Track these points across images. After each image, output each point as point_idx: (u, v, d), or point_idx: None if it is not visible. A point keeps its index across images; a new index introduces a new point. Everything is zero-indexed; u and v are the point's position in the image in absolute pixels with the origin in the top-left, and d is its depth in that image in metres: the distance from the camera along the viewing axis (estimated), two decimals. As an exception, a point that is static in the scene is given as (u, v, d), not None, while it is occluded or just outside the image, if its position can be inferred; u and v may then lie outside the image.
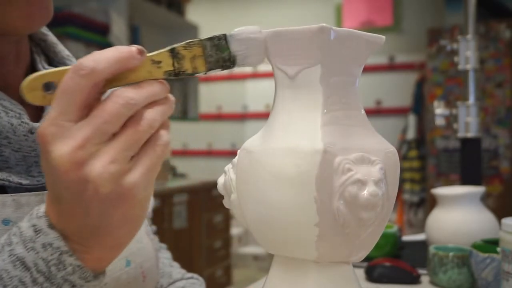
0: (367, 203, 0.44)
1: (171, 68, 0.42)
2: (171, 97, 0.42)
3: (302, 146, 0.45)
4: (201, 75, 0.43)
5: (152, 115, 0.40)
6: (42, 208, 0.43)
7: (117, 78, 0.40)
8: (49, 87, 0.41)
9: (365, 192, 0.44)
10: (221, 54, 0.43)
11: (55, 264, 0.41)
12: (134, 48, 0.40)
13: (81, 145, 0.38)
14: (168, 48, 0.42)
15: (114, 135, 0.39)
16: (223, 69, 0.44)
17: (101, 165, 0.38)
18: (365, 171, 0.45)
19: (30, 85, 0.40)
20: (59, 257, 0.41)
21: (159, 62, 0.42)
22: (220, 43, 0.43)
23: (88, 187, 0.38)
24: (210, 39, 0.43)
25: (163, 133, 0.40)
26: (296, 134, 0.46)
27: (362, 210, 0.45)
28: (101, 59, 0.39)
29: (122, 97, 0.38)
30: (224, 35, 0.43)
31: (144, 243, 0.63)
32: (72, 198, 0.40)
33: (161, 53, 0.42)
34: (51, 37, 0.65)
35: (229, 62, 0.43)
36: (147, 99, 0.40)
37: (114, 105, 0.38)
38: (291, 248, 0.48)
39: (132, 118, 0.39)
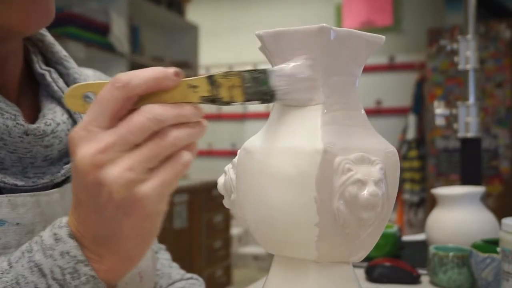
0: (367, 203, 0.44)
1: (208, 94, 0.42)
2: (204, 122, 0.42)
3: (302, 146, 0.45)
4: (238, 104, 0.43)
5: (177, 133, 0.40)
6: (64, 219, 0.45)
7: (152, 96, 0.42)
8: (89, 97, 0.44)
9: (365, 192, 0.44)
10: (260, 88, 0.43)
11: (70, 272, 0.42)
12: (171, 69, 0.41)
13: (103, 150, 0.39)
14: (207, 75, 0.43)
15: (137, 147, 0.40)
16: (262, 103, 0.44)
17: (118, 171, 0.39)
18: (365, 171, 0.45)
19: (72, 93, 0.43)
20: (75, 266, 0.42)
21: (196, 86, 0.42)
22: (260, 76, 0.43)
23: (103, 191, 0.39)
24: (250, 71, 0.43)
25: (186, 154, 0.41)
26: (296, 134, 0.46)
27: (362, 210, 0.45)
28: (136, 75, 0.41)
29: (151, 112, 0.40)
30: (265, 70, 0.43)
31: None
32: (88, 200, 0.41)
33: (199, 78, 0.43)
34: (49, 37, 0.65)
35: (268, 96, 0.43)
36: (175, 118, 0.41)
37: (141, 118, 0.40)
38: (291, 248, 0.48)
39: (157, 133, 0.40)
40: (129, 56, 3.02)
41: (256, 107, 4.68)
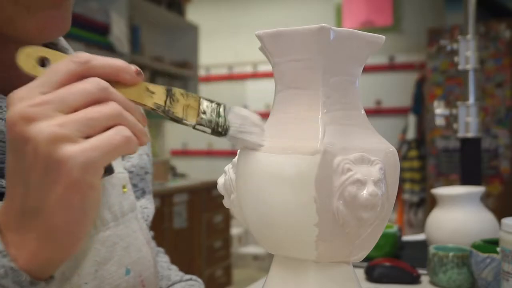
0: (366, 203, 0.44)
1: (162, 104, 0.43)
2: (146, 132, 0.43)
3: (301, 146, 0.45)
4: (187, 125, 0.44)
5: (121, 109, 0.40)
6: None
7: None
8: (45, 64, 0.42)
9: (365, 192, 0.44)
10: (216, 118, 0.45)
11: None
12: (133, 66, 0.42)
13: (36, 104, 0.37)
14: (167, 86, 0.44)
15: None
16: (212, 133, 0.45)
17: (46, 125, 0.37)
18: (365, 171, 0.45)
19: (28, 52, 0.42)
20: None
21: (153, 92, 0.43)
22: (218, 108, 0.45)
23: (28, 147, 0.37)
24: (210, 100, 0.45)
25: (126, 130, 0.39)
26: (296, 134, 0.46)
27: (361, 210, 0.45)
28: (98, 58, 0.40)
29: (96, 79, 0.39)
30: (224, 105, 0.46)
31: (144, 252, 0.63)
32: (14, 162, 0.39)
33: (158, 86, 0.44)
34: (63, 42, 0.65)
35: (221, 129, 0.45)
36: (121, 97, 0.40)
37: (84, 83, 0.39)
38: (291, 248, 0.48)
39: (101, 102, 0.39)
40: (129, 56, 3.02)
41: (256, 107, 4.69)
